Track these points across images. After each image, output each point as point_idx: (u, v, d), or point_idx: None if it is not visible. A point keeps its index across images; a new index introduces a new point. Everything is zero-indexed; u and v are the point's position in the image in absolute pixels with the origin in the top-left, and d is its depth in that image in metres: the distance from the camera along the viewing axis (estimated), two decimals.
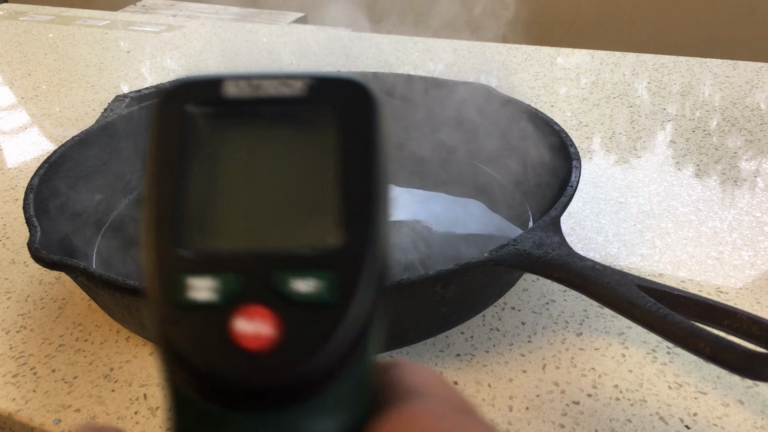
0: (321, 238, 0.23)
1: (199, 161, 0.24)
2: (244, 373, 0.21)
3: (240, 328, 0.21)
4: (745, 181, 0.77)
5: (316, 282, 0.22)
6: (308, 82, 0.25)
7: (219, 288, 0.22)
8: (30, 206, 0.57)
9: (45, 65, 1.22)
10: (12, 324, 0.58)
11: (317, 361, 0.21)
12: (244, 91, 0.25)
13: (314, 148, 0.24)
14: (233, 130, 0.25)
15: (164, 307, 0.22)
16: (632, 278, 0.48)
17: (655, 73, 1.08)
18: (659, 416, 0.48)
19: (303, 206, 0.23)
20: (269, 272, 0.22)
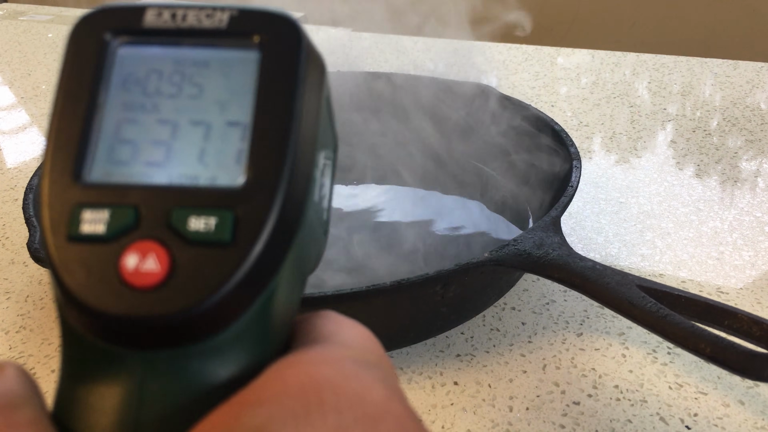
0: (227, 177, 0.22)
1: (109, 90, 0.23)
2: (131, 310, 0.20)
3: (129, 264, 0.20)
4: (745, 181, 0.77)
5: (212, 221, 0.21)
6: (232, 14, 0.24)
7: (112, 221, 0.21)
8: (30, 206, 0.57)
9: (45, 65, 1.22)
10: (11, 324, 0.58)
11: (205, 302, 0.20)
12: (165, 21, 0.24)
13: (231, 84, 0.23)
14: (149, 61, 0.24)
15: (55, 239, 0.21)
16: (633, 278, 0.48)
17: (655, 73, 1.08)
18: (660, 417, 0.48)
19: (215, 145, 0.22)
20: (167, 208, 0.21)
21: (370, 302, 0.50)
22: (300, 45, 0.23)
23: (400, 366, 0.53)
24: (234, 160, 0.22)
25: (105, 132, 0.22)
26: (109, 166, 0.22)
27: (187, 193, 0.21)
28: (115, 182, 0.22)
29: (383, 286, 0.48)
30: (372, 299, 0.49)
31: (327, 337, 0.22)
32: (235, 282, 0.20)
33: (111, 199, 0.21)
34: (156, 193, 0.21)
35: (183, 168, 0.22)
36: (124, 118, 0.23)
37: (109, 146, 0.22)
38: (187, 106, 0.23)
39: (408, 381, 0.51)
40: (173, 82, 0.23)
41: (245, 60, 0.23)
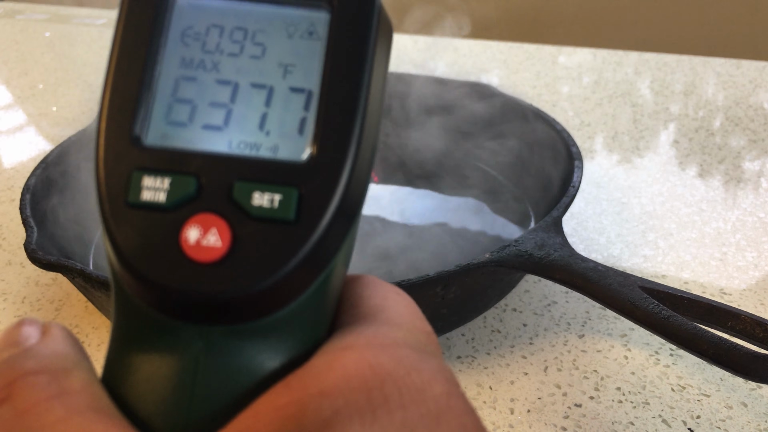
0: (291, 150, 0.21)
1: (171, 45, 0.22)
2: (191, 284, 0.19)
3: (190, 237, 0.20)
4: (748, 181, 0.76)
5: (276, 197, 0.20)
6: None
7: (173, 191, 0.20)
8: (27, 207, 0.57)
9: (42, 64, 1.22)
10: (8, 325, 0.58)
11: (266, 280, 0.20)
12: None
13: (297, 46, 0.22)
14: (214, 15, 0.23)
15: (113, 205, 0.20)
16: (635, 279, 0.48)
17: (658, 72, 1.07)
18: (662, 419, 0.48)
19: (277, 112, 0.22)
20: (229, 180, 0.20)
21: None
22: (372, 7, 0.22)
23: None
24: (297, 130, 0.21)
25: (162, 91, 0.22)
26: (166, 127, 0.21)
27: (250, 166, 0.21)
28: (174, 147, 0.21)
29: None
30: None
31: (376, 312, 0.22)
32: (296, 262, 0.20)
33: (171, 166, 0.21)
34: (217, 162, 0.21)
35: (244, 134, 0.21)
36: (183, 75, 0.22)
37: (167, 106, 0.22)
38: (249, 67, 0.22)
39: None
40: (235, 40, 0.22)
41: (314, 21, 0.22)
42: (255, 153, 0.21)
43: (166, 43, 0.22)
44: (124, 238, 0.20)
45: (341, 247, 0.21)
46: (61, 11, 1.52)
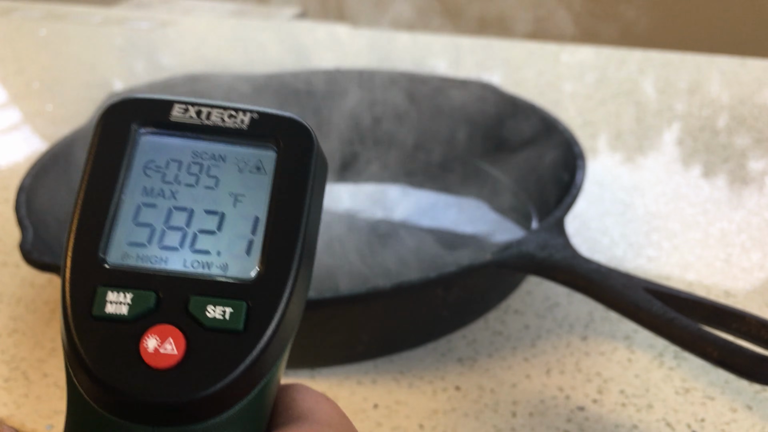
0: (239, 268, 0.24)
1: (134, 176, 0.25)
2: (146, 389, 0.22)
3: (149, 345, 0.22)
4: (754, 181, 0.76)
5: (228, 310, 0.23)
6: (252, 116, 0.26)
7: (135, 304, 0.23)
8: (22, 207, 0.56)
9: (37, 63, 1.22)
10: (3, 327, 0.57)
11: (216, 385, 0.22)
12: (190, 117, 0.26)
13: (249, 181, 0.25)
14: (173, 151, 0.26)
15: (77, 317, 0.23)
16: (638, 281, 0.48)
17: (662, 71, 1.07)
18: (666, 422, 0.48)
19: (228, 234, 0.24)
20: (185, 295, 0.23)
21: (369, 305, 0.50)
22: (312, 150, 0.26)
23: (400, 370, 0.52)
24: (245, 251, 0.24)
25: (125, 215, 0.25)
26: (128, 248, 0.24)
27: (204, 282, 0.23)
28: (136, 266, 0.24)
29: (383, 288, 0.48)
30: (372, 302, 0.49)
31: (308, 414, 0.24)
32: (243, 367, 0.22)
33: (133, 283, 0.23)
34: (174, 279, 0.23)
35: (197, 254, 0.24)
36: (144, 202, 0.25)
37: (129, 229, 0.24)
38: (203, 196, 0.25)
39: (409, 385, 0.51)
40: (192, 173, 0.25)
41: (262, 158, 0.26)
42: (207, 270, 0.24)
43: (130, 174, 0.25)
44: (87, 347, 0.22)
45: (282, 355, 0.24)
46: (56, 9, 1.51)
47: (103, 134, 0.25)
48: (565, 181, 0.62)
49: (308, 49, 1.21)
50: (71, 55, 1.25)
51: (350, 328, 0.51)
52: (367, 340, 0.52)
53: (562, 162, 0.65)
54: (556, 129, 0.69)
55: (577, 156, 0.62)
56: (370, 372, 0.52)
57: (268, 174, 0.25)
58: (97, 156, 0.25)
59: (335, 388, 0.51)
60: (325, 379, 0.52)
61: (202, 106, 0.26)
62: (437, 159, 0.78)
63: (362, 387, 0.51)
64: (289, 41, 1.26)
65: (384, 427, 0.48)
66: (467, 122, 0.78)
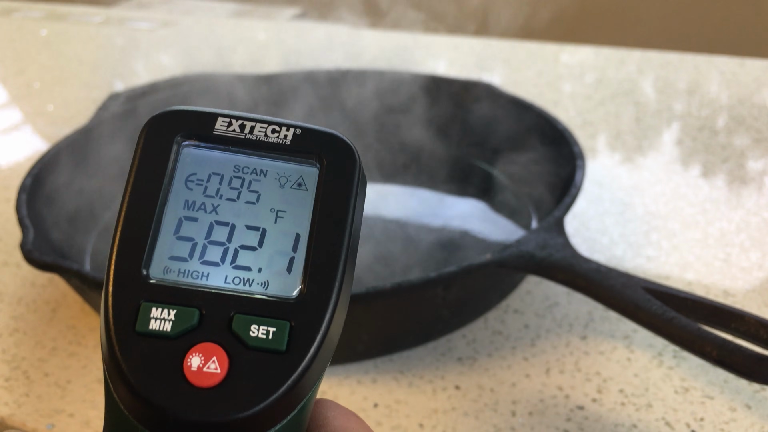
0: (280, 286, 0.24)
1: (176, 189, 0.25)
2: (189, 408, 0.21)
3: (193, 364, 0.22)
4: (753, 180, 0.76)
5: (271, 329, 0.23)
6: (296, 132, 0.26)
7: (178, 321, 0.23)
8: (22, 207, 0.56)
9: (38, 63, 1.22)
10: (4, 327, 0.57)
11: (259, 405, 0.22)
12: (233, 131, 0.26)
13: (290, 197, 0.25)
14: (215, 164, 0.26)
15: (122, 333, 0.22)
16: (638, 280, 0.48)
17: (661, 71, 1.07)
18: (665, 421, 0.48)
19: (269, 251, 0.24)
20: (228, 313, 0.23)
21: (370, 305, 0.50)
22: (355, 168, 0.26)
23: (400, 369, 0.52)
24: (286, 268, 0.24)
25: (167, 229, 0.24)
26: (169, 261, 0.24)
27: (247, 300, 0.23)
28: (178, 281, 0.24)
29: (383, 288, 0.47)
30: (372, 302, 0.49)
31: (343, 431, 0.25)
32: (286, 388, 0.22)
33: (176, 300, 0.23)
34: (217, 297, 0.23)
35: (238, 270, 0.24)
36: (186, 216, 0.25)
37: (171, 242, 0.24)
38: (244, 211, 0.25)
39: (409, 385, 0.51)
40: (233, 187, 0.25)
41: (304, 174, 0.26)
42: (248, 288, 0.24)
43: (172, 187, 0.25)
44: (129, 363, 0.22)
45: (322, 374, 0.24)
46: (58, 9, 1.51)
47: (146, 146, 0.25)
48: (564, 181, 0.62)
49: (308, 49, 1.21)
50: (72, 55, 1.25)
51: (350, 327, 0.51)
52: (367, 339, 0.52)
53: (562, 162, 0.65)
54: (555, 129, 0.68)
55: (576, 156, 0.62)
56: (370, 371, 0.52)
57: (310, 191, 0.25)
58: (140, 167, 0.25)
59: (335, 388, 0.51)
60: (325, 378, 0.52)
61: (246, 120, 0.26)
62: (437, 159, 0.78)
63: (362, 386, 0.51)
64: (289, 41, 1.26)
65: (384, 426, 0.48)
66: (467, 122, 0.78)
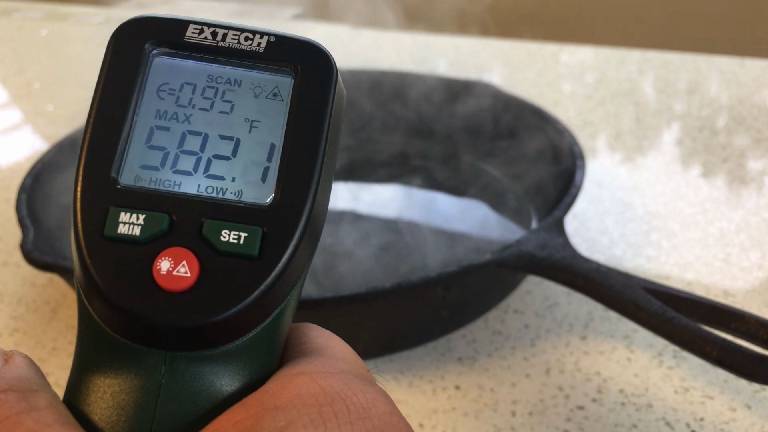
0: (254, 194, 0.23)
1: (147, 98, 0.24)
2: (159, 312, 0.21)
3: (162, 268, 0.22)
4: (753, 180, 0.76)
5: (243, 235, 0.22)
6: (269, 39, 0.25)
7: (147, 226, 0.22)
8: (22, 206, 0.56)
9: (38, 63, 1.22)
10: (4, 327, 0.57)
11: (230, 310, 0.21)
12: (205, 38, 0.25)
13: (265, 107, 0.25)
14: (188, 74, 0.25)
15: (90, 238, 0.22)
16: (638, 280, 0.48)
17: (661, 71, 1.07)
18: (665, 421, 0.48)
19: (243, 161, 0.24)
20: (199, 218, 0.23)
21: (369, 304, 0.50)
22: (331, 76, 0.25)
23: (400, 369, 0.52)
24: (261, 178, 0.23)
25: (138, 138, 0.24)
26: (141, 170, 0.23)
27: (219, 206, 0.23)
28: (149, 188, 0.23)
29: (383, 288, 0.47)
30: (372, 301, 0.49)
31: (322, 349, 0.24)
32: (257, 294, 0.22)
33: (146, 205, 0.23)
34: (188, 202, 0.23)
35: (211, 180, 0.24)
36: (157, 125, 0.24)
37: (142, 151, 0.24)
38: (218, 121, 0.24)
39: (408, 385, 0.51)
40: (206, 97, 0.25)
41: (279, 84, 0.25)
42: (222, 196, 0.23)
43: (143, 96, 0.24)
44: (99, 269, 0.22)
45: (297, 284, 0.23)
46: (58, 9, 1.51)
47: (115, 54, 0.25)
48: (564, 181, 0.62)
49: None
50: (72, 56, 1.25)
51: (350, 327, 0.51)
52: (367, 339, 0.52)
53: (562, 162, 0.65)
54: (555, 129, 0.68)
55: (576, 156, 0.62)
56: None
57: (285, 100, 0.25)
58: (108, 76, 0.24)
59: None
60: None
61: (218, 27, 0.25)
62: (437, 159, 0.78)
63: None
64: None
65: None
66: (467, 122, 0.78)
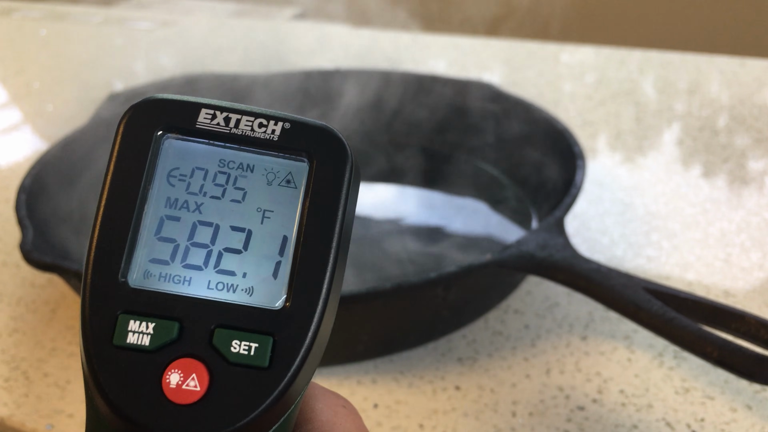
0: (266, 294, 0.23)
1: (157, 185, 0.24)
2: (168, 425, 0.21)
3: (171, 380, 0.21)
4: (753, 181, 0.76)
5: (253, 345, 0.22)
6: (284, 126, 0.24)
7: (157, 335, 0.22)
8: (22, 207, 0.56)
9: (37, 63, 1.22)
10: (3, 327, 0.57)
11: (238, 422, 0.21)
12: (217, 124, 0.24)
13: (278, 195, 0.24)
14: (199, 159, 0.24)
15: (99, 346, 0.22)
16: (638, 281, 0.47)
17: (661, 71, 1.07)
18: (666, 422, 0.48)
19: (255, 255, 0.23)
20: (209, 326, 0.22)
21: (369, 305, 0.50)
22: (347, 164, 0.24)
23: (400, 370, 0.52)
24: (272, 274, 0.23)
25: (148, 230, 0.23)
26: (150, 265, 0.23)
27: (229, 311, 0.22)
28: (158, 290, 0.22)
29: (383, 288, 0.47)
30: (372, 302, 0.49)
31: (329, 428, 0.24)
32: (267, 404, 0.21)
33: (156, 311, 0.22)
34: (198, 306, 0.22)
35: (222, 275, 0.23)
36: (167, 215, 0.23)
37: (152, 244, 0.23)
38: (230, 210, 0.24)
39: (409, 385, 0.51)
40: (218, 184, 0.24)
41: (293, 170, 0.24)
42: (232, 294, 0.23)
43: (153, 183, 0.24)
44: (107, 377, 0.21)
45: (306, 386, 0.23)
46: (57, 9, 1.51)
47: (124, 138, 0.24)
48: (564, 181, 0.62)
49: (308, 49, 1.20)
50: (71, 55, 1.25)
51: (350, 328, 0.51)
52: (367, 339, 0.52)
53: (562, 162, 0.65)
54: (556, 129, 0.68)
55: (577, 156, 0.62)
56: (370, 372, 0.52)
57: (299, 189, 0.24)
58: (118, 161, 0.23)
59: (335, 388, 0.51)
60: (325, 378, 0.52)
61: (231, 112, 0.24)
62: (437, 159, 0.78)
63: (362, 387, 0.51)
64: (289, 41, 1.26)
65: (384, 426, 0.48)
66: (467, 122, 0.77)
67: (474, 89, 0.77)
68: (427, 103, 0.79)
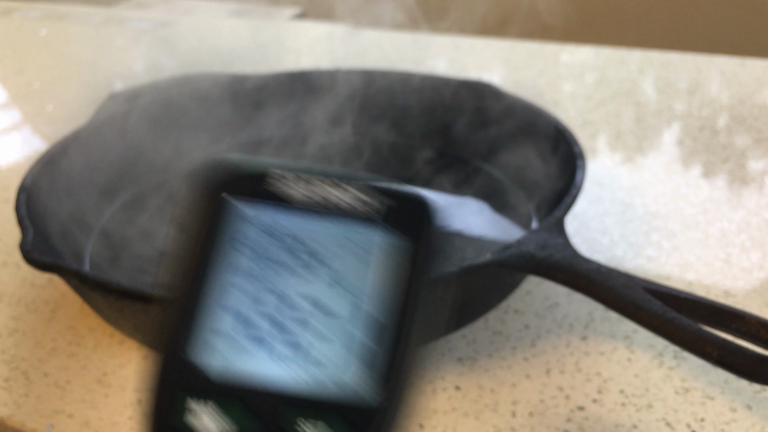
0: (352, 389, 0.20)
1: (233, 267, 0.21)
2: None
3: None
4: (753, 181, 0.76)
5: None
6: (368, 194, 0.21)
7: (223, 422, 0.20)
8: (22, 207, 0.56)
9: (37, 63, 1.22)
10: (3, 327, 0.57)
11: None
12: (297, 193, 0.21)
13: (361, 280, 0.21)
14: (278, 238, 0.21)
15: (159, 426, 0.20)
16: (638, 281, 0.47)
17: (661, 71, 1.07)
18: (666, 422, 0.47)
19: (339, 345, 0.20)
20: (286, 418, 0.20)
21: None
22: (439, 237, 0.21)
23: None
24: (368, 365, 0.20)
25: (220, 310, 0.21)
26: (225, 352, 0.20)
27: (309, 403, 0.19)
28: (225, 373, 0.20)
29: None
30: None
31: None
32: None
33: (225, 395, 0.20)
34: (274, 395, 0.20)
35: (299, 362, 0.20)
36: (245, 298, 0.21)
37: (226, 329, 0.20)
38: (314, 294, 0.21)
39: None
40: (303, 268, 0.21)
41: (397, 248, 0.21)
42: (310, 387, 0.20)
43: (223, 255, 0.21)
44: None
45: None
46: (57, 9, 1.51)
47: (190, 205, 0.22)
48: (565, 181, 0.62)
49: (308, 49, 1.20)
50: (71, 55, 1.25)
51: None
52: None
53: (562, 162, 0.65)
54: (555, 129, 0.68)
55: (577, 156, 0.62)
56: None
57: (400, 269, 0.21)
58: (184, 229, 0.21)
59: None
60: None
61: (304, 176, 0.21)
62: (437, 159, 0.78)
63: None
64: (289, 41, 1.26)
65: None
66: (467, 122, 0.77)
67: (474, 89, 0.77)
68: (427, 103, 0.79)
